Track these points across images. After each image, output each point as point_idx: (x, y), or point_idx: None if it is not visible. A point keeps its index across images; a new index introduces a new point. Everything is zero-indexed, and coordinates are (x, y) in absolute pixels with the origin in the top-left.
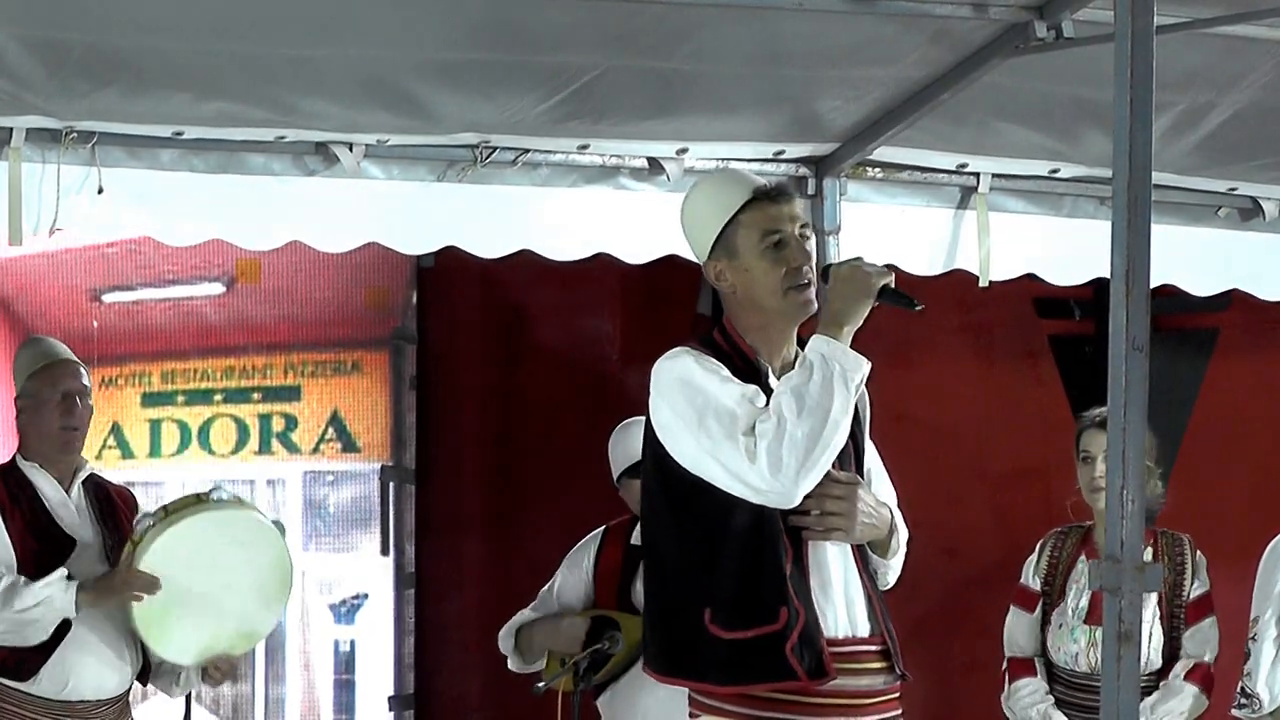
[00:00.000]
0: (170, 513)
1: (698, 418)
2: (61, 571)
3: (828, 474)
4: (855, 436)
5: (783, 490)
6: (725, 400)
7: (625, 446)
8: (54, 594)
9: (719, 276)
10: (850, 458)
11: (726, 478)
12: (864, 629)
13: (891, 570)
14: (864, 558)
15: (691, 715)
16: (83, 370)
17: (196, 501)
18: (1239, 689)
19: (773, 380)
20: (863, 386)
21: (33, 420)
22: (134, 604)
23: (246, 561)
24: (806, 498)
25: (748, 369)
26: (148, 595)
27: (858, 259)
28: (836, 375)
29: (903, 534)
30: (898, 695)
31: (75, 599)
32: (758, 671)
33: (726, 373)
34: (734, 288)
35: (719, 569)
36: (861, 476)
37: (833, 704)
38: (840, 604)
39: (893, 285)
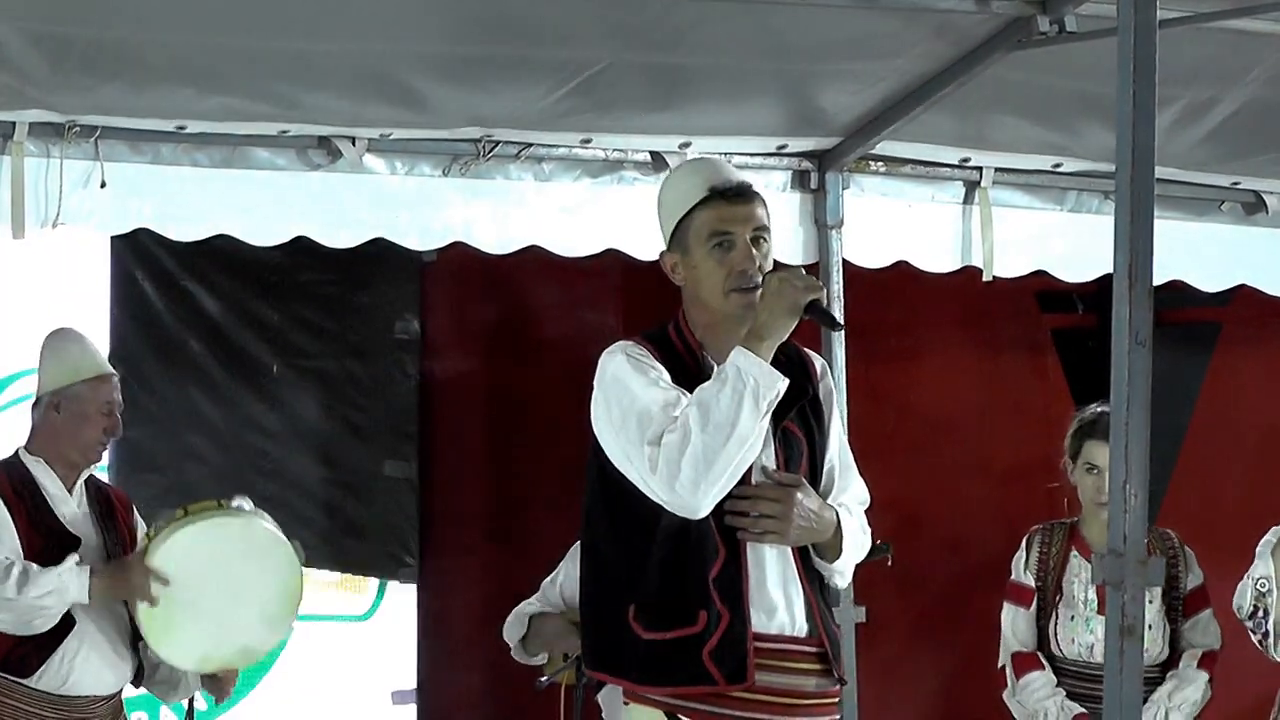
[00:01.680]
0: (189, 513)
1: (621, 418)
2: (73, 558)
3: (767, 474)
4: (811, 435)
5: (683, 503)
6: (646, 404)
7: None
8: (68, 581)
9: (673, 269)
10: (801, 457)
11: (640, 483)
12: (800, 629)
13: (838, 574)
14: (806, 559)
15: (625, 702)
16: (116, 379)
17: (217, 507)
18: (1253, 611)
19: None
20: (785, 401)
21: (69, 425)
22: (141, 606)
23: (257, 576)
24: (742, 499)
25: (693, 366)
26: (159, 597)
27: (792, 269)
28: (748, 391)
29: (852, 537)
30: (834, 700)
31: (89, 585)
32: (675, 675)
33: (657, 373)
34: (685, 282)
35: (646, 567)
36: (819, 476)
37: (757, 700)
38: (778, 603)
39: (822, 302)
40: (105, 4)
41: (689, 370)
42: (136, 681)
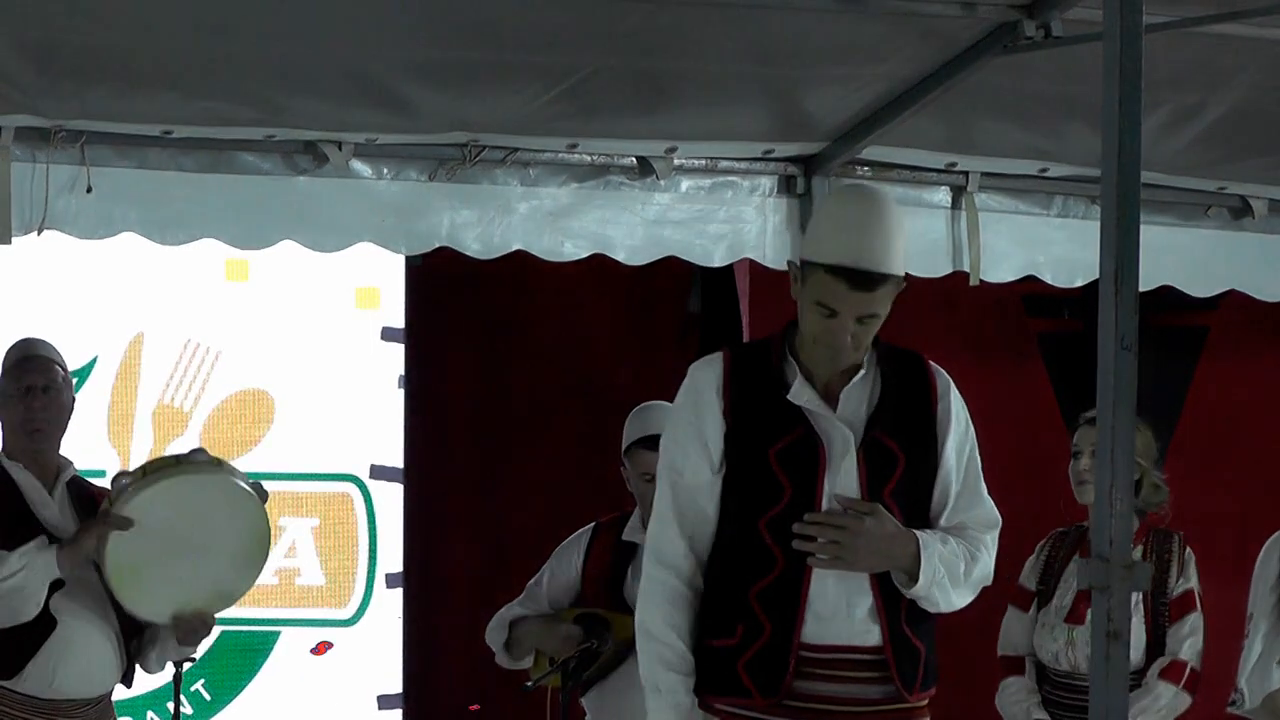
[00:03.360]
0: (148, 473)
1: (664, 465)
2: (41, 539)
3: (840, 502)
4: (914, 451)
5: None
6: (673, 478)
7: (642, 420)
8: (34, 556)
9: (793, 280)
10: (893, 471)
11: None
12: (860, 638)
13: (921, 599)
14: (883, 574)
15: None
16: (54, 366)
17: (175, 463)
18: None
19: (798, 389)
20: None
21: (3, 416)
22: (109, 560)
23: (224, 524)
24: (815, 523)
25: (779, 378)
26: (122, 532)
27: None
28: (651, 685)
29: (936, 565)
30: (909, 707)
31: (55, 558)
32: (719, 684)
33: (699, 447)
34: (797, 300)
35: (704, 581)
36: (922, 493)
37: (803, 708)
38: (837, 612)
39: None
40: (91, 9)
41: (769, 380)
42: (127, 681)
